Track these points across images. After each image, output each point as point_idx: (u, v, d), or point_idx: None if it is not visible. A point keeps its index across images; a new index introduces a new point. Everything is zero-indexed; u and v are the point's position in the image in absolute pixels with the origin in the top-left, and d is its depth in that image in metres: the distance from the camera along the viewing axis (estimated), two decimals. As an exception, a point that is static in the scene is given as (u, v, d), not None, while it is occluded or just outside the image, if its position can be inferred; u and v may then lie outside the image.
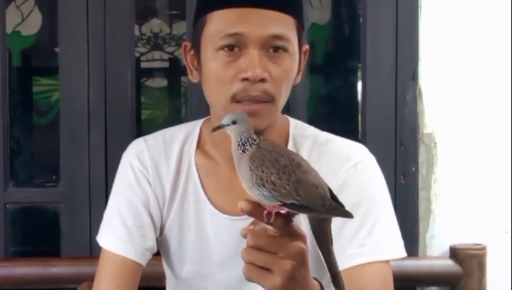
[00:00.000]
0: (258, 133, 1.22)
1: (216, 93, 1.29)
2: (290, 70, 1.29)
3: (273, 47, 1.26)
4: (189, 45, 1.36)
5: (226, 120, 1.08)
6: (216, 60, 1.27)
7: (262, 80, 1.25)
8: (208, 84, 1.30)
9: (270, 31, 1.25)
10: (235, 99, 1.26)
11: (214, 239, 1.36)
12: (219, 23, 1.27)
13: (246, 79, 1.24)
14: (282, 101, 1.30)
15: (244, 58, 1.25)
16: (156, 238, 1.40)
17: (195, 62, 1.34)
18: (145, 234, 1.38)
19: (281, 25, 1.27)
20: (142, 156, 1.40)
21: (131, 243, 1.37)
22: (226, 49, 1.26)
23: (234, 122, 1.08)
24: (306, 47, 1.37)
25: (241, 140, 1.06)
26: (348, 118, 2.99)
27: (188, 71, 1.37)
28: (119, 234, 1.37)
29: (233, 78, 1.25)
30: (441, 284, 2.06)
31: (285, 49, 1.27)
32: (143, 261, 1.38)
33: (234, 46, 1.26)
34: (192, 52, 1.35)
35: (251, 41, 1.25)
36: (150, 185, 1.38)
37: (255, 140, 1.06)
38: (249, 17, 1.25)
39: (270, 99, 1.26)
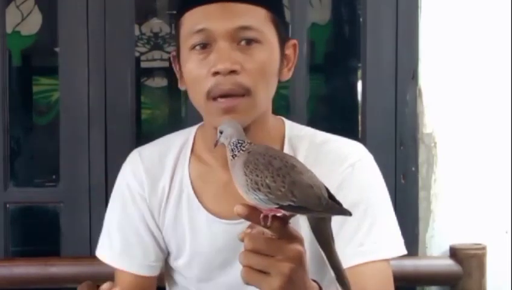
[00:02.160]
0: (244, 131, 1.22)
1: (194, 94, 1.30)
2: (265, 62, 1.27)
3: (245, 39, 1.26)
4: (175, 53, 1.36)
5: (218, 134, 1.10)
6: (190, 60, 1.28)
7: (234, 72, 1.24)
8: (188, 86, 1.31)
9: (237, 23, 1.25)
10: (210, 96, 1.25)
11: (212, 245, 1.35)
12: (189, 23, 1.28)
13: (217, 73, 1.24)
14: (261, 95, 1.28)
15: (214, 53, 1.25)
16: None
17: (180, 70, 1.35)
18: (147, 247, 1.40)
19: (250, 16, 1.26)
20: (137, 173, 1.40)
21: (133, 258, 1.40)
22: (197, 47, 1.27)
23: (221, 132, 1.10)
24: (293, 42, 1.35)
25: (230, 147, 1.07)
26: (348, 118, 3.00)
27: (178, 79, 1.37)
28: (118, 250, 1.41)
29: (207, 75, 1.25)
30: (441, 284, 2.06)
31: (257, 41, 1.26)
32: (152, 273, 1.41)
33: (206, 44, 1.26)
34: (177, 59, 1.35)
35: (219, 36, 1.25)
36: (146, 201, 1.39)
37: (243, 145, 1.06)
38: (215, 13, 1.25)
39: (245, 92, 1.25)
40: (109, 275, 1.88)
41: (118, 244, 1.40)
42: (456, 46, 2.04)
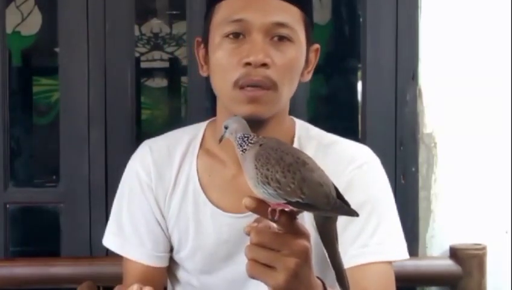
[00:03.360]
0: (261, 129, 1.24)
1: (221, 81, 1.31)
2: (294, 60, 1.30)
3: (278, 36, 1.28)
4: (200, 39, 1.38)
5: (222, 129, 1.11)
6: (221, 48, 1.29)
7: (265, 65, 1.26)
8: (215, 73, 1.32)
9: (273, 19, 1.27)
10: (238, 85, 1.27)
11: (216, 238, 1.36)
12: (225, 12, 1.29)
13: (248, 64, 1.26)
14: (286, 91, 1.31)
15: (247, 44, 1.27)
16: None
17: (205, 56, 1.36)
18: (157, 237, 1.41)
19: (286, 14, 1.29)
20: (146, 163, 1.42)
21: (143, 247, 1.41)
22: (231, 36, 1.28)
23: (226, 128, 1.10)
24: (316, 46, 1.39)
25: (237, 142, 1.07)
26: (348, 118, 3.00)
27: (199, 66, 1.39)
28: (128, 238, 1.41)
29: (237, 65, 1.27)
30: (441, 284, 2.06)
31: (289, 39, 1.29)
32: (161, 264, 1.42)
33: (239, 34, 1.28)
34: (202, 46, 1.36)
35: (255, 28, 1.27)
36: (152, 191, 1.41)
37: (251, 139, 1.07)
38: (253, 5, 1.28)
39: (272, 86, 1.27)
40: (109, 275, 1.89)
41: (128, 233, 1.42)
42: (456, 46, 2.04)
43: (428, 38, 2.05)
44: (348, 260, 1.28)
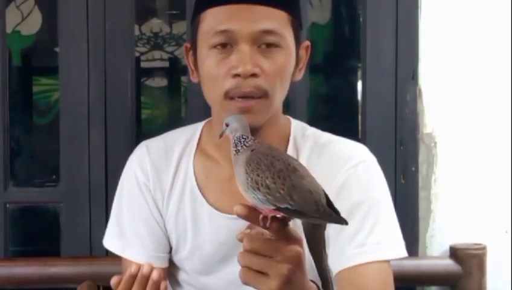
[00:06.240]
0: (256, 130, 1.24)
1: (211, 91, 1.30)
2: (283, 65, 1.29)
3: (265, 43, 1.27)
4: (189, 45, 1.37)
5: (224, 126, 1.11)
6: (209, 58, 1.28)
7: (254, 75, 1.25)
8: (204, 82, 1.32)
9: (260, 27, 1.26)
10: (228, 96, 1.26)
11: (214, 239, 1.36)
12: (211, 21, 1.28)
13: (237, 75, 1.25)
14: (277, 97, 1.30)
15: (235, 54, 1.26)
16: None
17: (194, 62, 1.35)
18: (157, 237, 1.41)
19: (273, 20, 1.27)
20: (143, 164, 1.42)
21: (143, 248, 1.40)
22: (218, 46, 1.27)
23: (227, 125, 1.10)
24: (307, 43, 1.38)
25: (234, 141, 1.08)
26: (348, 118, 2.99)
27: (190, 72, 1.38)
28: (128, 239, 1.41)
29: (226, 75, 1.26)
30: (441, 284, 2.06)
31: (277, 45, 1.28)
32: (161, 264, 1.41)
33: (226, 44, 1.26)
34: (191, 52, 1.36)
35: (241, 38, 1.25)
36: (150, 192, 1.41)
37: (247, 141, 1.07)
38: (239, 14, 1.26)
39: (263, 95, 1.26)
40: (109, 274, 1.89)
41: (128, 234, 1.42)
42: (456, 46, 2.04)
43: (428, 38, 2.05)
44: (346, 260, 1.28)
